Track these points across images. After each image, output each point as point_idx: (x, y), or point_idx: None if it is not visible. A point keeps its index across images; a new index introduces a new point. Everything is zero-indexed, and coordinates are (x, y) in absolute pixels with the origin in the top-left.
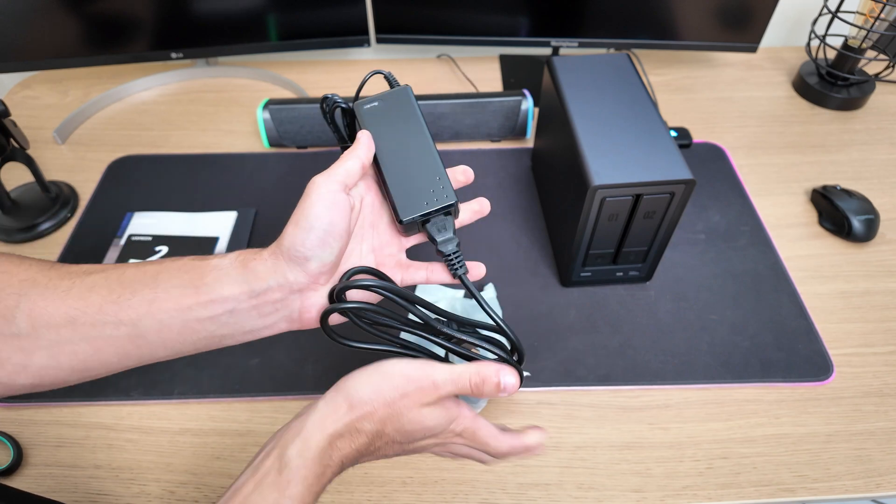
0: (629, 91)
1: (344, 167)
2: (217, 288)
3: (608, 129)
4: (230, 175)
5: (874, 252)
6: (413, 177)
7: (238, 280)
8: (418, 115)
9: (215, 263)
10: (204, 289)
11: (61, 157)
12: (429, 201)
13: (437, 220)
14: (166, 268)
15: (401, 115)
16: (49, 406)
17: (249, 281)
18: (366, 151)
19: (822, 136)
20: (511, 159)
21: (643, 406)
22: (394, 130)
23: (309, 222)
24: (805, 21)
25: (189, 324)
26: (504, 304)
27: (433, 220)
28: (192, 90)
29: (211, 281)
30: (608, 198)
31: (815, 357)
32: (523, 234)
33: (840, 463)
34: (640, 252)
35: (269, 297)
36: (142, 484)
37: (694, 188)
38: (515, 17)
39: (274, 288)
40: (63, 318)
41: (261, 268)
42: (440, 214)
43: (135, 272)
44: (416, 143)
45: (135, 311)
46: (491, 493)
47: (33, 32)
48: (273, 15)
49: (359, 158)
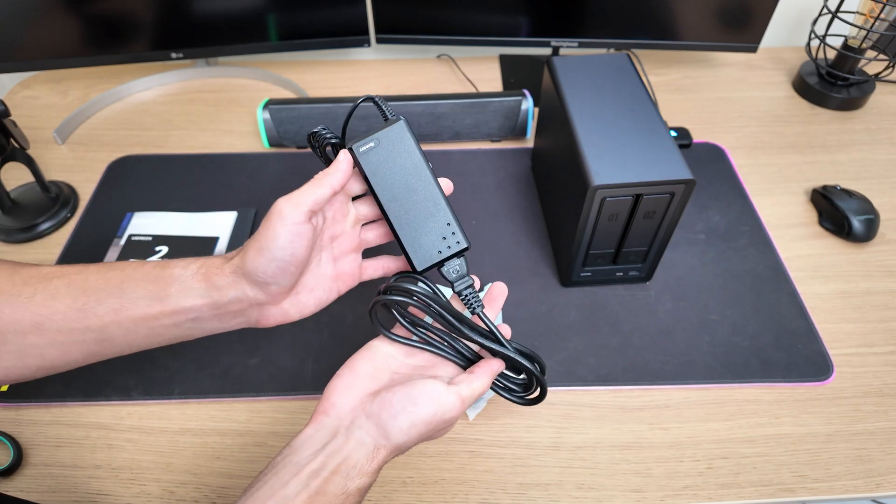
0: (629, 91)
1: (313, 195)
2: (181, 300)
3: (608, 129)
4: (230, 175)
5: (874, 252)
6: (423, 225)
7: (201, 293)
8: (418, 154)
9: (178, 274)
10: (168, 300)
11: (61, 157)
12: (442, 249)
13: (451, 263)
14: (129, 276)
15: (401, 155)
16: (49, 406)
17: (212, 294)
18: (340, 178)
19: (822, 136)
20: (511, 159)
21: (643, 406)
22: (397, 175)
23: (272, 253)
24: (805, 21)
25: (155, 330)
26: (504, 304)
27: (447, 264)
28: (191, 90)
29: (174, 293)
30: (608, 198)
31: (815, 357)
32: (523, 234)
33: (840, 463)
34: (640, 252)
35: (230, 308)
36: (142, 484)
37: (694, 188)
38: (515, 17)
39: (234, 301)
40: (29, 325)
41: (222, 282)
42: (454, 258)
43: (98, 279)
44: (421, 188)
45: (101, 320)
46: (491, 492)
47: (33, 32)
48: (273, 15)
49: (331, 186)
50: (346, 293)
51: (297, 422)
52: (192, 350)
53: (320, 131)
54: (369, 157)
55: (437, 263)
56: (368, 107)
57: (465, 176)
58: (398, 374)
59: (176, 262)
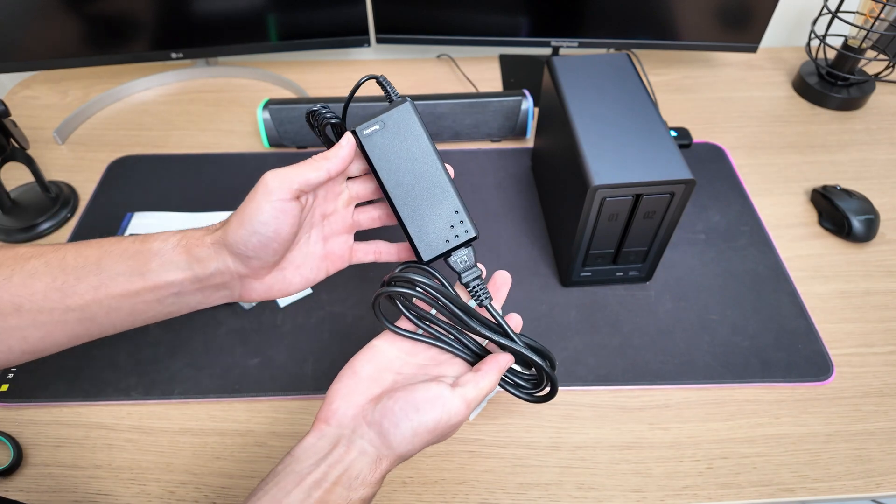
0: (629, 91)
1: (304, 175)
2: (163, 274)
3: (608, 129)
4: (230, 175)
5: (874, 252)
6: (430, 213)
7: (182, 266)
8: (425, 137)
9: (157, 248)
10: (149, 275)
11: (61, 157)
12: (449, 238)
13: (458, 253)
14: (108, 252)
15: (407, 139)
16: (49, 406)
17: (193, 267)
18: (339, 165)
19: (823, 136)
20: (511, 159)
21: (643, 406)
22: (403, 160)
23: (253, 227)
24: (805, 21)
25: (137, 306)
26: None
27: (454, 254)
28: (192, 90)
29: (155, 267)
30: (608, 198)
31: (815, 357)
32: (523, 234)
33: (840, 463)
34: (641, 252)
35: (213, 280)
36: (142, 484)
37: (694, 188)
38: (515, 17)
39: (216, 273)
40: (9, 307)
41: (203, 254)
42: (461, 247)
43: (75, 257)
44: (428, 173)
45: (81, 298)
46: (491, 493)
47: (33, 32)
48: (273, 15)
49: (327, 171)
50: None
51: (297, 422)
52: (192, 350)
53: (320, 110)
54: (374, 141)
55: (444, 253)
56: (369, 107)
57: (465, 176)
58: (401, 374)
59: (156, 237)
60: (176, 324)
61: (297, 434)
